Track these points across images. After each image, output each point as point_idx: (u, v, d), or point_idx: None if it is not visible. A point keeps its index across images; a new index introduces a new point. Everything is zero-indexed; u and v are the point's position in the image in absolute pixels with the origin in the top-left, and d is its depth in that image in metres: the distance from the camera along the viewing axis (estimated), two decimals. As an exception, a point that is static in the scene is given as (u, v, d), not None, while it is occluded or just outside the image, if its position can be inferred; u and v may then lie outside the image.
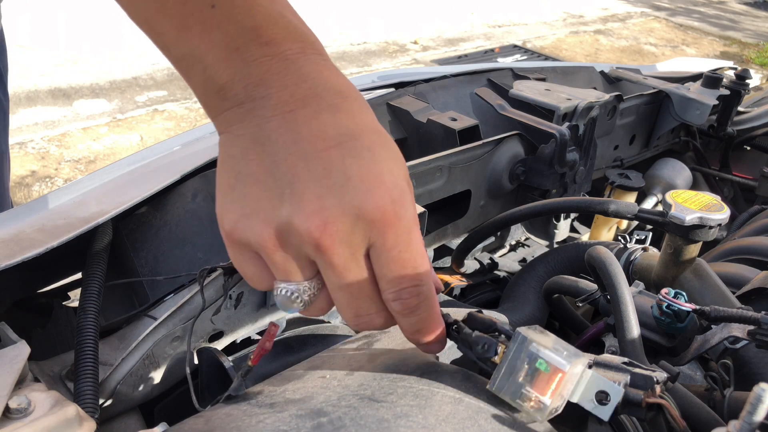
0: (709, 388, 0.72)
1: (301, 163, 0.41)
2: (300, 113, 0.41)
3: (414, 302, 0.46)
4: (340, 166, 0.41)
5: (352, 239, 0.42)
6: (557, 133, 1.07)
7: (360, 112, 0.44)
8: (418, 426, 0.47)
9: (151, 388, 0.72)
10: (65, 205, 0.85)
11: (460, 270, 1.08)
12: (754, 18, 8.91)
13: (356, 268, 0.43)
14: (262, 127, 0.42)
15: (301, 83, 0.42)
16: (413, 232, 0.44)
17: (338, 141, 0.42)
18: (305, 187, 0.41)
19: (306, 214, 0.41)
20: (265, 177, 0.42)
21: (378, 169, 0.42)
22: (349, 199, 0.41)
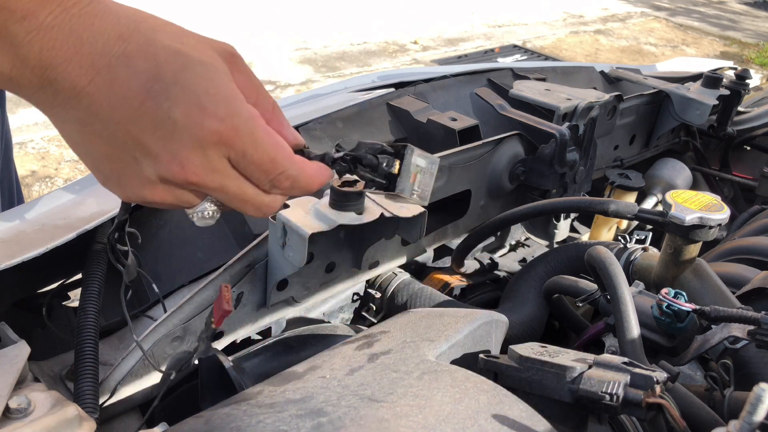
0: (709, 388, 0.72)
1: (131, 126, 0.43)
2: (99, 80, 0.42)
3: (288, 183, 0.50)
4: (161, 114, 0.43)
5: (211, 164, 0.46)
6: (557, 133, 1.07)
7: (147, 44, 0.43)
8: (418, 426, 0.47)
9: (151, 388, 0.72)
10: (65, 205, 0.85)
11: (460, 270, 1.08)
12: (754, 18, 8.91)
13: (231, 181, 0.48)
14: (77, 108, 0.42)
15: (80, 48, 0.41)
16: (255, 131, 0.47)
17: (146, 91, 0.43)
18: (147, 144, 0.44)
19: (164, 165, 0.45)
20: (112, 150, 0.45)
21: (194, 100, 0.44)
22: (186, 137, 0.44)
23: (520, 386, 0.57)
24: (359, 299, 0.99)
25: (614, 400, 0.52)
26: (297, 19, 5.88)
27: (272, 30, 5.54)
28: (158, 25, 0.45)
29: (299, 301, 0.81)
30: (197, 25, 5.78)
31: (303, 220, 0.66)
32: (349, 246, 0.81)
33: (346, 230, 0.76)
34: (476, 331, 0.65)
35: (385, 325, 0.69)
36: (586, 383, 0.54)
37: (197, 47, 0.46)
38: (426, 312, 0.71)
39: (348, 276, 0.86)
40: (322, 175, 0.53)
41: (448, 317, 0.67)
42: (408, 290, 0.96)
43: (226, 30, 5.31)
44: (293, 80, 4.65)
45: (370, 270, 0.90)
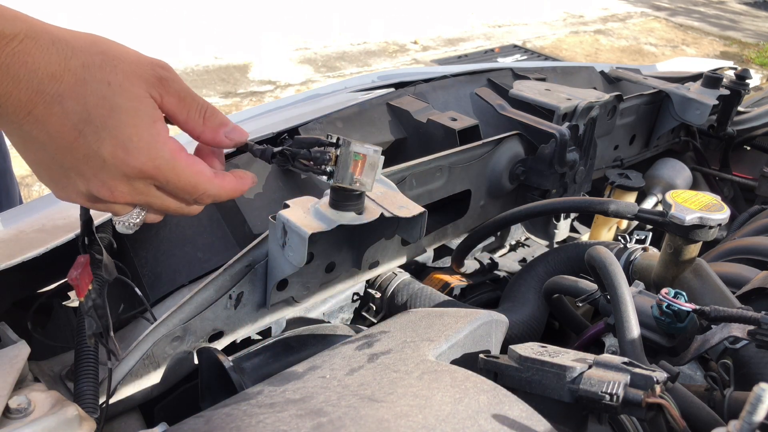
0: (709, 388, 0.72)
1: (68, 153, 0.50)
2: (37, 113, 0.48)
3: (209, 199, 0.58)
4: (92, 152, 0.50)
5: (136, 190, 0.54)
6: (557, 133, 1.07)
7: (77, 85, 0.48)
8: (418, 426, 0.47)
9: (151, 388, 0.72)
10: (65, 205, 0.85)
11: (460, 270, 1.08)
12: (754, 18, 8.91)
13: (155, 200, 0.56)
14: (20, 132, 0.49)
15: (18, 85, 0.46)
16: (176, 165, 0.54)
17: (78, 131, 0.49)
18: (81, 169, 0.51)
19: (96, 188, 0.52)
20: (51, 164, 0.52)
21: (120, 144, 0.51)
22: (114, 172, 0.51)
23: (520, 386, 0.57)
24: (359, 299, 0.99)
25: (614, 400, 0.52)
26: (297, 19, 5.88)
27: (272, 30, 5.54)
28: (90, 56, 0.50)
29: (299, 301, 0.81)
30: (197, 25, 5.75)
31: (303, 220, 0.66)
32: (349, 246, 0.81)
33: (346, 230, 0.76)
34: (476, 331, 0.65)
35: (385, 325, 0.69)
36: (586, 383, 0.54)
37: (124, 86, 0.51)
38: (426, 312, 0.71)
39: (348, 276, 0.86)
40: (243, 185, 0.61)
41: (448, 317, 0.67)
42: (408, 290, 0.96)
43: (226, 30, 5.31)
44: (293, 80, 4.65)
45: (370, 270, 0.90)
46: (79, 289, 0.60)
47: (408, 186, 0.91)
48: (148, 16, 5.26)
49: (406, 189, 0.91)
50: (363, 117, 1.08)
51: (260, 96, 4.32)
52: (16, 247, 0.74)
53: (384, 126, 1.10)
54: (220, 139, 0.58)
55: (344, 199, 0.66)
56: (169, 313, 0.69)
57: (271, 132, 0.96)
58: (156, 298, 0.81)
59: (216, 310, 0.73)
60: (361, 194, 0.67)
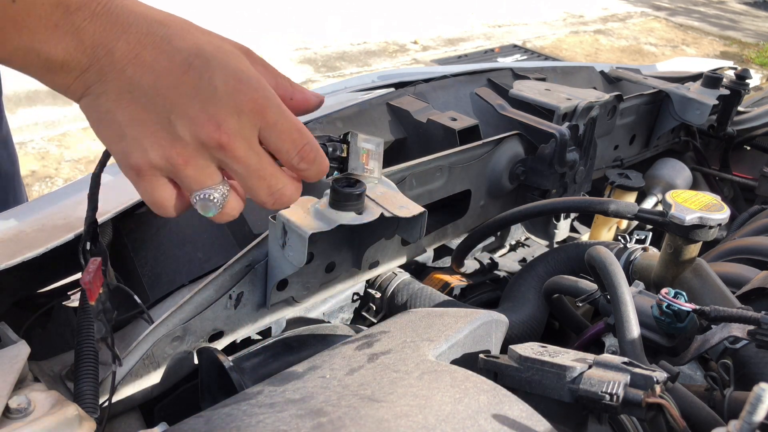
0: (709, 388, 0.72)
1: (172, 91, 0.48)
2: (145, 55, 0.48)
3: (313, 154, 0.54)
4: (202, 82, 0.48)
5: (243, 131, 0.50)
6: (557, 133, 1.07)
7: (183, 31, 0.50)
8: (418, 426, 0.47)
9: (151, 388, 0.72)
10: (65, 205, 0.85)
11: (460, 270, 1.08)
12: (754, 18, 8.91)
13: (256, 155, 0.52)
14: (121, 80, 0.48)
15: (128, 29, 0.47)
16: (282, 104, 0.52)
17: (188, 63, 0.48)
18: (186, 106, 0.49)
19: (200, 125, 0.49)
20: (146, 115, 0.49)
21: (231, 73, 0.49)
22: (225, 102, 0.49)
23: (520, 386, 0.57)
24: (359, 299, 0.99)
25: (614, 400, 0.52)
26: (297, 19, 5.87)
27: (272, 30, 5.54)
28: (188, 22, 0.51)
29: (299, 301, 0.81)
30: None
31: (303, 220, 0.66)
32: (349, 246, 0.81)
33: (346, 230, 0.76)
34: (476, 331, 0.65)
35: (385, 325, 0.69)
36: (586, 383, 0.54)
37: (224, 40, 0.52)
38: (426, 312, 0.71)
39: (348, 276, 0.86)
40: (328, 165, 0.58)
41: (448, 317, 0.67)
42: (408, 290, 0.96)
43: (225, 30, 5.30)
44: (293, 80, 4.65)
45: (370, 270, 0.90)
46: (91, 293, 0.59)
47: (408, 186, 0.91)
48: (148, 16, 5.25)
49: (406, 189, 0.91)
50: (363, 117, 1.08)
51: (260, 96, 4.31)
52: (16, 247, 0.74)
53: (384, 126, 1.10)
54: (309, 97, 0.59)
55: (344, 199, 0.66)
56: (169, 313, 0.69)
57: (271, 132, 0.96)
58: (156, 298, 0.81)
59: (216, 310, 0.73)
60: (361, 194, 0.67)
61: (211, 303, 0.72)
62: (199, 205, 0.53)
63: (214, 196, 0.52)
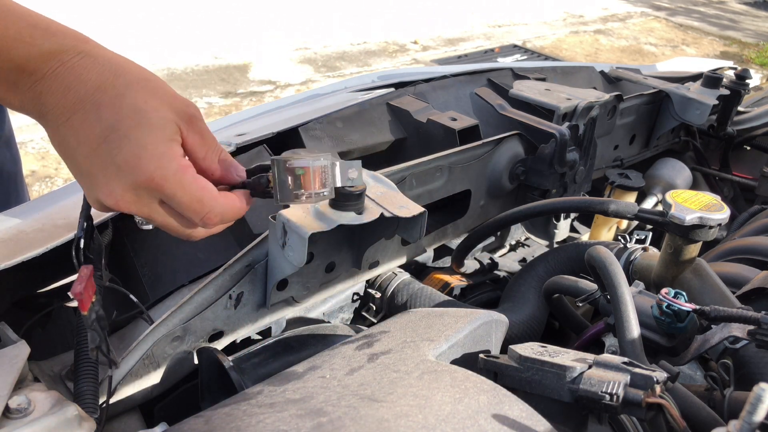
0: (709, 388, 0.72)
1: (87, 160, 0.55)
2: (74, 119, 0.54)
3: (216, 219, 0.60)
4: (108, 159, 0.54)
5: (141, 201, 0.57)
6: (557, 133, 1.07)
7: (117, 98, 0.54)
8: (418, 426, 0.47)
9: (151, 388, 0.72)
10: (65, 205, 0.85)
11: (460, 270, 1.08)
12: (754, 18, 8.91)
13: (159, 215, 0.59)
14: (57, 134, 0.55)
15: (68, 93, 0.53)
16: (183, 180, 0.57)
17: (104, 137, 0.54)
18: (95, 177, 0.56)
19: (104, 195, 0.56)
20: (74, 169, 0.57)
21: (137, 151, 0.54)
22: (124, 180, 0.55)
23: (520, 386, 0.57)
24: (359, 299, 0.99)
25: (614, 400, 0.52)
26: (297, 19, 5.87)
27: (272, 30, 5.54)
28: (135, 79, 0.56)
29: (299, 301, 0.81)
30: (197, 25, 5.73)
31: (303, 220, 0.66)
32: (349, 246, 0.81)
33: (346, 230, 0.76)
34: (476, 331, 0.65)
35: (385, 325, 0.69)
36: (586, 383, 0.54)
37: (157, 107, 0.56)
38: (426, 312, 0.71)
39: (348, 276, 0.86)
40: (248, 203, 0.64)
41: (448, 317, 0.67)
42: (408, 290, 0.96)
43: (225, 30, 5.31)
44: (293, 80, 4.65)
45: (370, 270, 0.90)
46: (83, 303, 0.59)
47: (408, 186, 0.91)
48: (148, 15, 5.26)
49: (406, 189, 0.91)
50: (363, 117, 1.08)
51: (260, 96, 4.32)
52: (16, 247, 0.74)
53: (384, 126, 1.10)
54: (231, 177, 0.63)
55: (344, 199, 0.66)
56: (169, 313, 0.69)
57: (271, 132, 0.96)
58: (156, 298, 0.81)
59: (216, 310, 0.73)
60: (361, 194, 0.67)
61: (211, 303, 0.72)
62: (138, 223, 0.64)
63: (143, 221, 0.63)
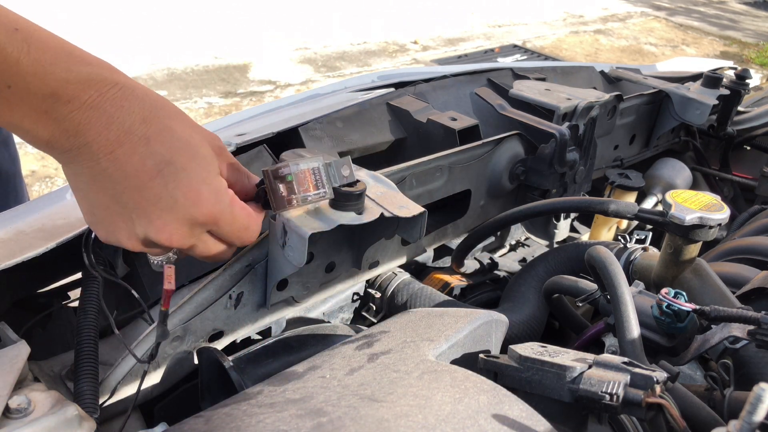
0: (709, 388, 0.72)
1: (136, 194, 0.52)
2: (119, 152, 0.51)
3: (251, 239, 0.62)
4: (165, 192, 0.53)
5: (193, 235, 0.57)
6: (557, 133, 1.07)
7: (164, 131, 0.52)
8: (418, 426, 0.47)
9: (151, 388, 0.72)
10: (65, 205, 0.85)
11: (460, 270, 1.08)
12: (754, 18, 8.91)
13: (202, 245, 0.59)
14: (95, 168, 0.51)
15: (111, 125, 0.50)
16: (233, 211, 0.58)
17: (158, 170, 0.52)
18: (146, 210, 0.53)
19: (156, 230, 0.54)
20: (112, 204, 0.53)
21: (195, 185, 0.54)
22: (182, 214, 0.54)
23: (520, 386, 0.57)
24: (359, 299, 0.99)
25: (614, 399, 0.52)
26: (297, 19, 5.87)
27: (272, 30, 5.54)
28: (173, 113, 0.54)
29: (299, 301, 0.81)
30: (197, 25, 5.73)
31: (303, 220, 0.66)
32: (349, 246, 0.81)
33: (346, 230, 0.76)
34: (476, 331, 0.65)
35: (385, 325, 0.69)
36: (586, 383, 0.54)
37: (200, 141, 0.56)
38: (426, 312, 0.71)
39: (348, 276, 0.86)
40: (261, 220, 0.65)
41: (448, 317, 0.67)
42: (408, 290, 0.96)
43: (225, 30, 5.31)
44: (293, 80, 4.65)
45: (370, 270, 0.90)
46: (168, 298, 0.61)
47: (408, 186, 0.91)
48: (148, 15, 5.26)
49: (406, 189, 0.91)
50: (363, 117, 1.08)
51: (260, 96, 4.32)
52: (16, 247, 0.74)
53: (384, 126, 1.10)
54: None
55: (344, 198, 0.66)
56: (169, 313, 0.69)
57: (271, 132, 0.96)
58: (156, 297, 0.81)
59: (216, 310, 0.73)
60: (361, 194, 0.67)
61: (211, 303, 0.72)
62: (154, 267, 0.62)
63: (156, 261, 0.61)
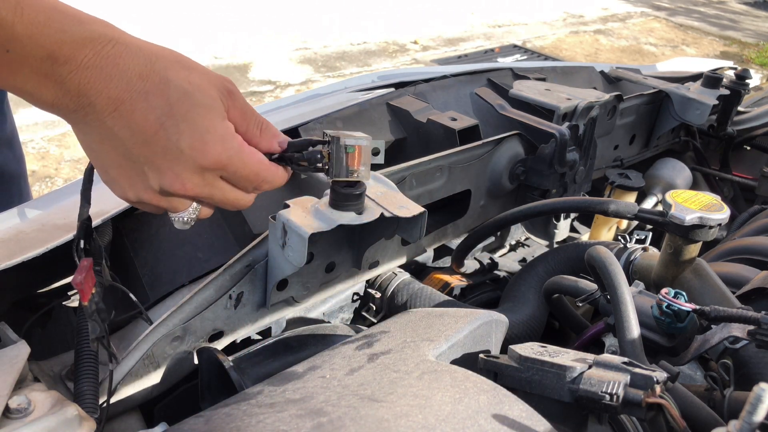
0: (709, 388, 0.72)
1: (144, 148, 0.54)
2: (122, 109, 0.52)
3: (267, 186, 0.64)
4: (170, 144, 0.54)
5: (206, 182, 0.58)
6: (557, 133, 1.07)
7: (162, 83, 0.53)
8: (418, 426, 0.47)
9: (151, 388, 0.72)
10: (65, 205, 0.85)
11: (460, 270, 1.08)
12: (754, 18, 8.91)
13: (219, 192, 0.60)
14: (102, 127, 0.53)
15: (110, 83, 0.51)
16: (242, 156, 0.59)
17: (159, 123, 0.53)
18: (155, 163, 0.55)
19: (169, 181, 0.56)
20: (124, 161, 0.56)
21: (198, 134, 0.55)
22: (190, 163, 0.56)
23: (520, 386, 0.57)
24: (359, 299, 0.99)
25: (614, 400, 0.52)
26: (297, 19, 5.87)
27: (272, 30, 5.54)
28: (171, 62, 0.55)
29: (299, 301, 0.81)
30: (197, 25, 5.73)
31: (303, 220, 0.66)
32: (349, 246, 0.81)
33: (346, 230, 0.76)
34: (476, 331, 0.65)
35: (385, 325, 0.69)
36: (586, 383, 0.54)
37: (202, 87, 0.56)
38: (426, 312, 0.71)
39: (348, 276, 0.86)
40: (288, 174, 0.67)
41: (448, 317, 0.67)
42: (408, 290, 0.96)
43: (226, 30, 5.31)
44: (293, 80, 4.65)
45: (370, 270, 0.90)
46: (83, 293, 0.60)
47: (408, 186, 0.91)
48: (148, 15, 5.26)
49: (406, 189, 0.91)
50: (363, 117, 1.08)
51: (260, 96, 4.32)
52: (16, 247, 0.74)
53: (384, 126, 1.10)
54: (273, 146, 0.65)
55: (344, 198, 0.66)
56: (169, 313, 0.69)
57: (271, 132, 0.96)
58: (156, 298, 0.81)
59: (216, 310, 0.73)
60: (361, 194, 0.67)
61: (211, 303, 0.72)
62: (176, 224, 0.64)
63: (186, 218, 0.63)
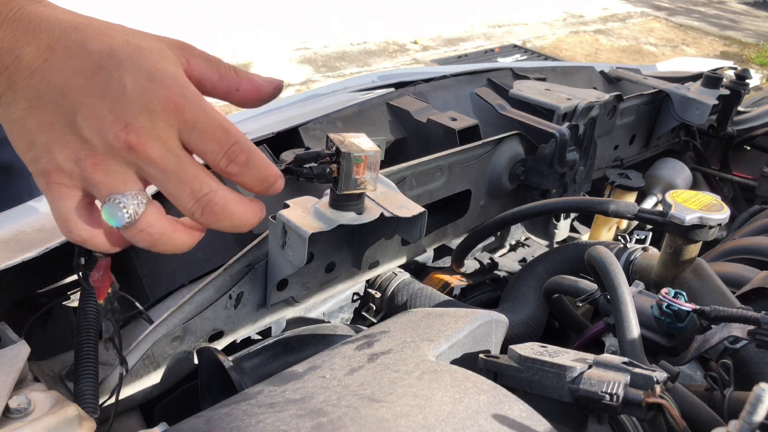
0: (709, 388, 0.72)
1: (80, 94, 0.45)
2: (54, 59, 0.45)
3: (244, 156, 0.48)
4: (111, 82, 0.45)
5: (157, 132, 0.46)
6: (557, 133, 1.07)
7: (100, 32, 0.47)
8: (418, 426, 0.47)
9: (151, 388, 0.72)
10: (65, 205, 0.85)
11: (460, 270, 1.08)
12: (754, 18, 8.91)
13: (174, 156, 0.47)
14: (30, 85, 0.45)
15: (39, 34, 0.45)
16: (203, 102, 0.48)
17: (99, 64, 0.45)
18: (94, 107, 0.45)
19: (107, 125, 0.45)
20: (54, 119, 0.46)
21: (144, 72, 0.46)
22: (135, 101, 0.45)
23: (520, 386, 0.57)
24: (359, 299, 0.99)
25: (614, 400, 0.52)
26: (297, 19, 5.88)
27: (272, 30, 5.54)
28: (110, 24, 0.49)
29: (299, 301, 0.81)
30: (197, 25, 5.74)
31: (303, 220, 0.66)
32: (349, 246, 0.81)
33: (346, 230, 0.76)
34: (476, 331, 0.65)
35: (385, 325, 0.69)
36: (586, 383, 0.54)
37: (147, 37, 0.49)
38: (426, 312, 0.71)
39: (348, 276, 0.86)
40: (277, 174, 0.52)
41: (448, 317, 0.67)
42: (408, 290, 0.96)
43: (226, 30, 5.31)
44: (293, 80, 4.65)
45: (370, 270, 0.90)
46: (100, 291, 0.58)
47: (408, 186, 0.91)
48: (147, 15, 5.26)
49: (406, 189, 0.91)
50: (363, 117, 1.08)
51: (260, 96, 4.31)
52: (16, 247, 0.74)
53: (384, 126, 1.10)
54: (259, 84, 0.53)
55: (344, 199, 0.66)
56: (169, 313, 0.69)
57: (271, 132, 0.96)
58: (156, 298, 0.81)
59: (216, 310, 0.73)
60: (361, 194, 0.67)
61: (211, 303, 0.72)
62: (106, 210, 0.47)
63: (123, 203, 0.47)
